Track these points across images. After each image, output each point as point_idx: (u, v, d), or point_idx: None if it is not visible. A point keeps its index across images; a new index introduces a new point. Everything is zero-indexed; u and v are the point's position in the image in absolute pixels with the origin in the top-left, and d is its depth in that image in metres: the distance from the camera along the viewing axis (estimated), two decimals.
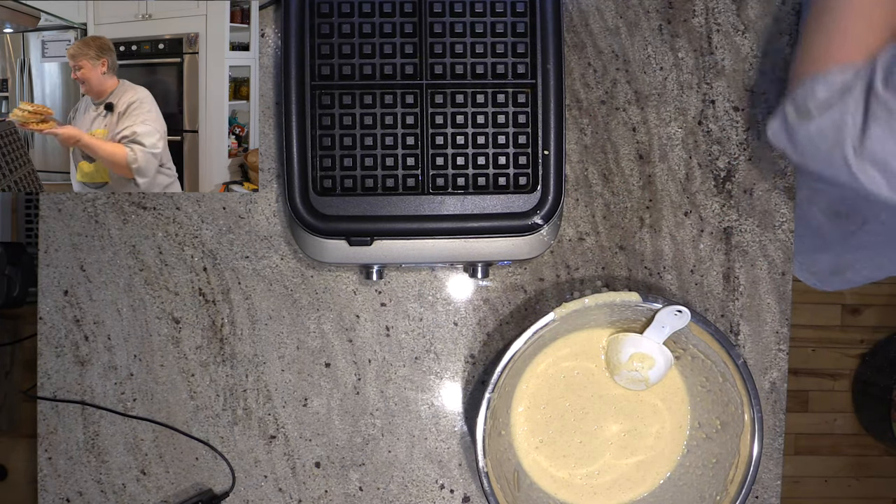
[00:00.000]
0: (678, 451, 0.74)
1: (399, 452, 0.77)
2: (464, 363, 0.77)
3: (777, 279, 0.78)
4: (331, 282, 0.76)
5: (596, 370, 0.74)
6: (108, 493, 0.76)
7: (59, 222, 0.76)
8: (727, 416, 0.70)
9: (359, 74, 0.68)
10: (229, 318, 0.76)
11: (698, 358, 0.71)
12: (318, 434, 0.77)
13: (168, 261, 0.76)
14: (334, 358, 0.77)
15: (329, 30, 0.68)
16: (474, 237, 0.70)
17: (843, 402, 1.78)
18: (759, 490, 0.79)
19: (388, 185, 0.69)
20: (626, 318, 0.70)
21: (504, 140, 0.69)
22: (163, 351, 0.76)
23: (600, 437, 0.74)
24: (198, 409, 0.76)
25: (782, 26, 0.78)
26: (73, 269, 0.76)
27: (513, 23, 0.69)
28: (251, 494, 0.76)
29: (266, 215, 0.76)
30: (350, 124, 0.68)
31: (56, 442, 0.76)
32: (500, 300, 0.77)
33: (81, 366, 0.76)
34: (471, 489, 0.78)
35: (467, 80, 0.69)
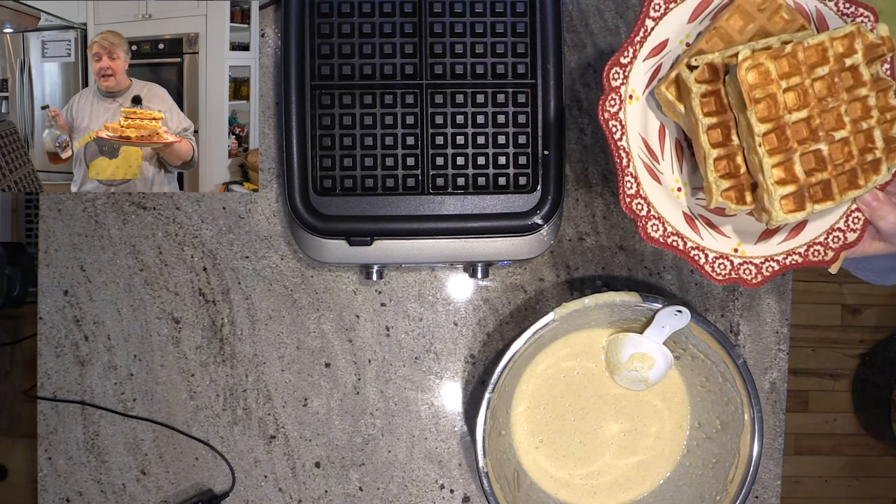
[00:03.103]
0: (678, 451, 0.74)
1: (399, 452, 0.77)
2: (464, 363, 0.77)
3: (777, 279, 0.78)
4: (331, 282, 0.76)
5: (596, 370, 0.74)
6: (108, 493, 0.76)
7: (59, 222, 0.76)
8: (727, 416, 0.70)
9: (359, 74, 0.68)
10: (229, 318, 0.76)
11: (698, 358, 0.71)
12: (318, 434, 0.77)
13: (168, 261, 0.76)
14: (334, 358, 0.77)
15: (329, 30, 0.68)
16: (474, 237, 0.70)
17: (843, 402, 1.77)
18: (759, 490, 0.79)
19: (388, 185, 0.69)
20: (626, 318, 0.70)
21: (504, 140, 0.69)
22: (163, 351, 0.76)
23: (600, 437, 0.74)
24: (198, 409, 0.76)
25: None
26: (73, 269, 0.76)
27: (513, 23, 0.69)
28: (251, 494, 0.76)
29: (266, 215, 0.76)
30: (350, 124, 0.68)
31: (56, 442, 0.76)
32: (500, 300, 0.77)
33: (81, 366, 0.76)
34: (471, 489, 0.78)
35: (467, 80, 0.69)
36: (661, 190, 0.57)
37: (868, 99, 0.52)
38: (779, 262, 0.58)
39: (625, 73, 0.55)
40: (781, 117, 0.51)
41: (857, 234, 0.57)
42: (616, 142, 0.55)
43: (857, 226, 0.57)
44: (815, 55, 0.51)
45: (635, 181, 0.55)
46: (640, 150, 0.56)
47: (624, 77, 0.55)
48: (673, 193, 0.57)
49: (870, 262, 0.90)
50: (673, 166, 0.58)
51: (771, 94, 0.50)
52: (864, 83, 0.52)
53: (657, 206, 0.56)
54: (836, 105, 0.51)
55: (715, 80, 0.52)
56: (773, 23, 0.54)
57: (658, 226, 0.56)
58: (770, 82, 0.50)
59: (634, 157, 0.56)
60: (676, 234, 0.56)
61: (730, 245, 0.57)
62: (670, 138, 0.58)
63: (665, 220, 0.56)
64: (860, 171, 0.53)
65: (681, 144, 0.58)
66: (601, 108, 0.55)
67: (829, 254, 0.57)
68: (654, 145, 0.57)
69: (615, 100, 0.55)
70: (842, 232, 0.57)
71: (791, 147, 0.51)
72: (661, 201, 0.56)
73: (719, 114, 0.53)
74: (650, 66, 0.56)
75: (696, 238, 0.57)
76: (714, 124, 0.52)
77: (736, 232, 0.58)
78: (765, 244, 0.58)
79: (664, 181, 0.57)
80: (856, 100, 0.52)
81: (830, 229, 0.57)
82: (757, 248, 0.58)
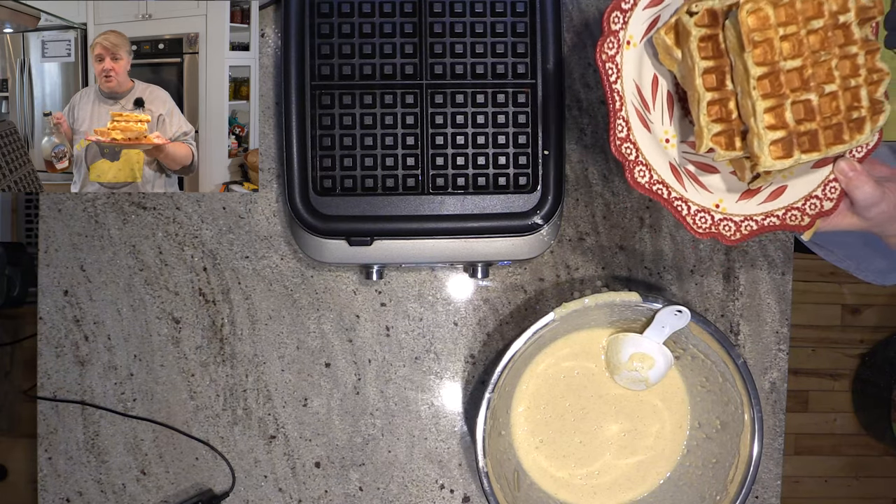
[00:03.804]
0: (678, 451, 0.74)
1: (399, 452, 0.77)
2: (464, 363, 0.77)
3: (777, 279, 0.78)
4: (331, 282, 0.76)
5: (596, 370, 0.74)
6: (108, 493, 0.76)
7: (59, 222, 0.76)
8: (727, 416, 0.70)
9: (359, 74, 0.68)
10: (229, 318, 0.76)
11: (698, 358, 0.71)
12: (318, 434, 0.77)
13: (168, 261, 0.76)
14: (334, 358, 0.77)
15: (329, 30, 0.68)
16: (474, 237, 0.70)
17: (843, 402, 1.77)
18: (759, 490, 0.79)
19: (388, 185, 0.69)
20: (626, 318, 0.70)
21: (504, 140, 0.69)
22: (163, 351, 0.76)
23: (600, 437, 0.74)
24: (198, 409, 0.76)
25: None
26: (73, 269, 0.76)
27: (513, 23, 0.69)
28: (251, 494, 0.76)
29: (266, 215, 0.76)
30: (350, 124, 0.68)
31: (56, 442, 0.76)
32: (500, 300, 0.77)
33: (81, 366, 0.76)
34: (471, 489, 0.78)
35: (467, 80, 0.69)
36: (651, 138, 0.58)
37: (857, 57, 0.54)
38: (757, 223, 0.59)
39: (624, 19, 0.56)
40: (777, 63, 0.52)
41: (833, 204, 0.59)
42: (611, 84, 0.56)
43: (834, 195, 0.59)
44: (812, 8, 0.52)
45: (626, 125, 0.57)
46: (633, 96, 0.57)
47: (623, 22, 0.56)
48: (661, 144, 0.59)
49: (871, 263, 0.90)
50: (664, 117, 0.59)
51: (768, 38, 0.51)
52: (855, 42, 0.53)
53: (645, 153, 0.57)
54: (827, 59, 0.53)
55: (713, 26, 0.53)
56: None
57: (645, 172, 0.57)
58: (768, 27, 0.51)
59: (627, 103, 0.57)
60: (662, 182, 0.58)
61: (712, 200, 0.59)
62: (662, 90, 0.59)
63: (652, 167, 0.57)
64: (846, 127, 0.54)
65: (672, 97, 0.60)
66: (599, 49, 0.56)
67: (806, 220, 0.59)
68: (646, 94, 0.58)
69: (613, 42, 0.56)
70: (819, 200, 0.59)
71: (783, 93, 0.52)
72: (649, 149, 0.58)
73: (716, 58, 0.54)
74: (649, 16, 0.57)
75: (681, 189, 0.58)
76: (710, 68, 0.54)
77: (718, 189, 0.59)
78: (745, 203, 0.59)
79: (654, 130, 0.58)
80: (846, 57, 0.53)
81: (808, 196, 0.59)
82: (738, 207, 0.59)
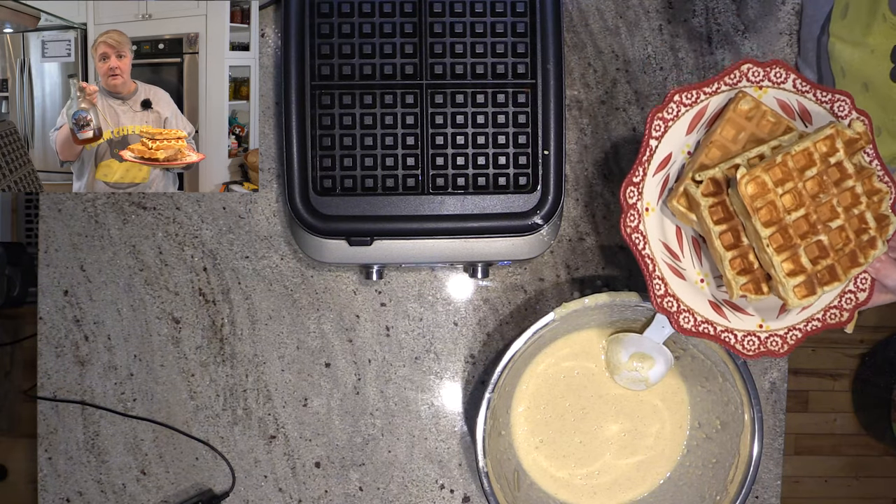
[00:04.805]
0: (678, 451, 0.74)
1: (399, 452, 0.77)
2: (464, 363, 0.77)
3: None
4: (331, 282, 0.76)
5: (596, 370, 0.74)
6: (108, 493, 0.76)
7: (59, 222, 0.76)
8: (727, 416, 0.70)
9: (359, 74, 0.68)
10: (229, 318, 0.76)
11: (698, 358, 0.71)
12: (318, 434, 0.77)
13: (168, 261, 0.76)
14: (334, 358, 0.77)
15: (329, 30, 0.68)
16: (474, 237, 0.70)
17: (843, 402, 1.77)
18: (759, 490, 0.79)
19: (388, 185, 0.69)
20: (626, 318, 0.70)
21: (504, 140, 0.69)
22: (163, 351, 0.76)
23: (600, 437, 0.74)
24: (198, 409, 0.76)
25: (782, 26, 0.78)
26: (73, 269, 0.76)
27: (513, 23, 0.69)
28: (251, 494, 0.76)
29: (266, 215, 0.76)
30: (350, 124, 0.68)
31: (56, 442, 0.76)
32: (500, 300, 0.77)
33: (81, 366, 0.76)
34: (471, 489, 0.78)
35: (467, 80, 0.69)
36: (686, 285, 0.62)
37: (855, 188, 0.58)
38: (801, 330, 0.63)
39: (639, 191, 0.61)
40: (782, 219, 0.56)
41: (867, 293, 0.62)
42: (640, 251, 0.60)
43: (866, 286, 0.62)
44: (803, 159, 0.56)
45: (663, 283, 0.61)
46: (662, 253, 0.61)
47: (639, 194, 0.61)
48: (697, 286, 0.62)
49: None
50: (693, 262, 0.63)
51: (770, 201, 0.56)
52: (850, 175, 0.58)
53: (685, 300, 0.61)
54: (828, 199, 0.57)
55: (719, 192, 0.58)
56: (762, 127, 0.60)
57: (689, 318, 0.61)
58: (767, 191, 0.56)
59: (658, 262, 0.61)
60: (706, 321, 0.61)
61: (755, 322, 0.62)
62: (687, 237, 0.63)
63: (694, 311, 0.61)
64: (859, 251, 0.59)
65: (697, 241, 0.63)
66: (623, 224, 0.60)
67: (845, 314, 0.63)
68: (673, 247, 0.62)
69: (634, 215, 0.60)
70: (853, 293, 0.63)
71: (795, 243, 0.57)
72: (687, 295, 0.61)
73: (727, 220, 0.58)
74: (659, 179, 0.61)
75: (724, 322, 0.62)
76: (724, 230, 0.58)
77: (758, 310, 0.63)
78: (786, 316, 0.63)
79: (687, 276, 0.62)
80: (845, 190, 0.58)
81: (843, 292, 0.63)
82: (779, 321, 0.63)
